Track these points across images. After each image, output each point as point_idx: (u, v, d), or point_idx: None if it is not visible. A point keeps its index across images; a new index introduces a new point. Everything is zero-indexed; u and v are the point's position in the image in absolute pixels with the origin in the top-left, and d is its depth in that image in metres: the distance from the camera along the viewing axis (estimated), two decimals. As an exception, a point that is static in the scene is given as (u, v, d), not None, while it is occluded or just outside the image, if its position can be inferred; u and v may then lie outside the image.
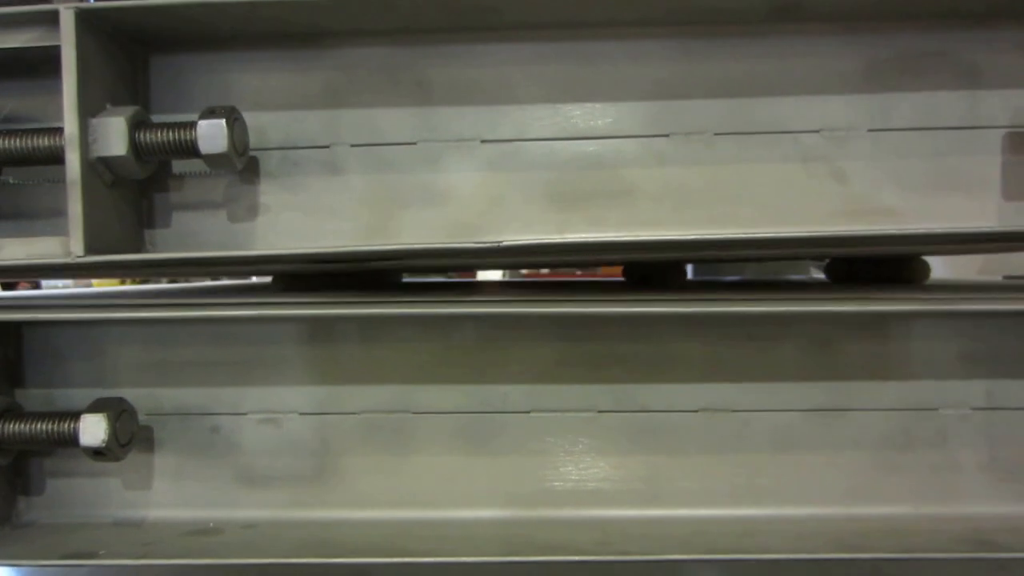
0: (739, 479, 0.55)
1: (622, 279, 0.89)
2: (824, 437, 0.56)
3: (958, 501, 0.55)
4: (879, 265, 0.71)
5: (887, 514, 0.55)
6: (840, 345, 0.56)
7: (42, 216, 0.55)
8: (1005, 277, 0.91)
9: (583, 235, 0.53)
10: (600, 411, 0.56)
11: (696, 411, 0.56)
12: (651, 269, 0.77)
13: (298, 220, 0.54)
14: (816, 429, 0.56)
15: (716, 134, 0.54)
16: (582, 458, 0.56)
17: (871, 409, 0.55)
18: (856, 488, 0.55)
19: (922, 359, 0.55)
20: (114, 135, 0.47)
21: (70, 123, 0.46)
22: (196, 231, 0.55)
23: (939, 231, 0.49)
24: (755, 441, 0.56)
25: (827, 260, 0.82)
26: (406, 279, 0.96)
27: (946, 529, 0.52)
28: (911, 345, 0.55)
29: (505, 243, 0.47)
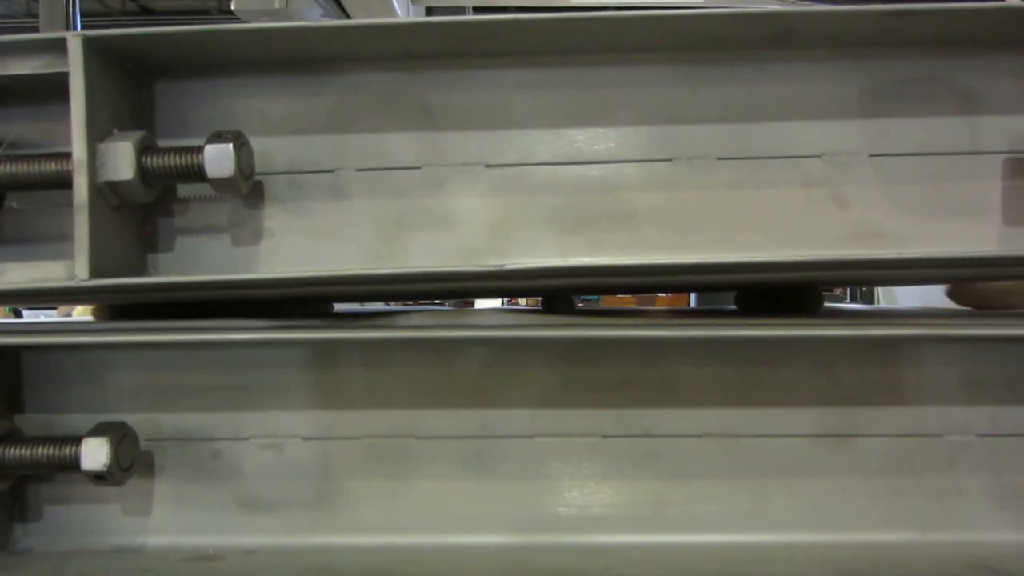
0: (744, 505, 0.55)
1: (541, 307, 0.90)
2: (829, 463, 0.55)
3: (964, 527, 0.54)
4: (782, 295, 0.72)
5: (892, 540, 0.54)
6: (844, 370, 0.56)
7: (44, 240, 0.55)
8: None
9: (586, 258, 0.54)
10: (604, 436, 0.56)
11: (701, 436, 0.56)
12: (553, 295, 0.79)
13: (302, 244, 0.54)
14: (821, 455, 0.55)
15: (718, 159, 0.54)
16: (586, 483, 0.56)
17: (876, 435, 0.55)
18: (861, 514, 0.55)
19: (927, 385, 0.55)
20: (121, 160, 0.47)
21: (78, 148, 0.47)
22: (199, 255, 0.55)
23: (941, 255, 0.49)
24: (760, 466, 0.55)
25: (736, 292, 0.83)
26: (337, 309, 0.94)
27: (952, 555, 0.52)
28: (915, 371, 0.55)
29: (508, 266, 0.47)
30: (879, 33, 0.52)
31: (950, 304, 0.76)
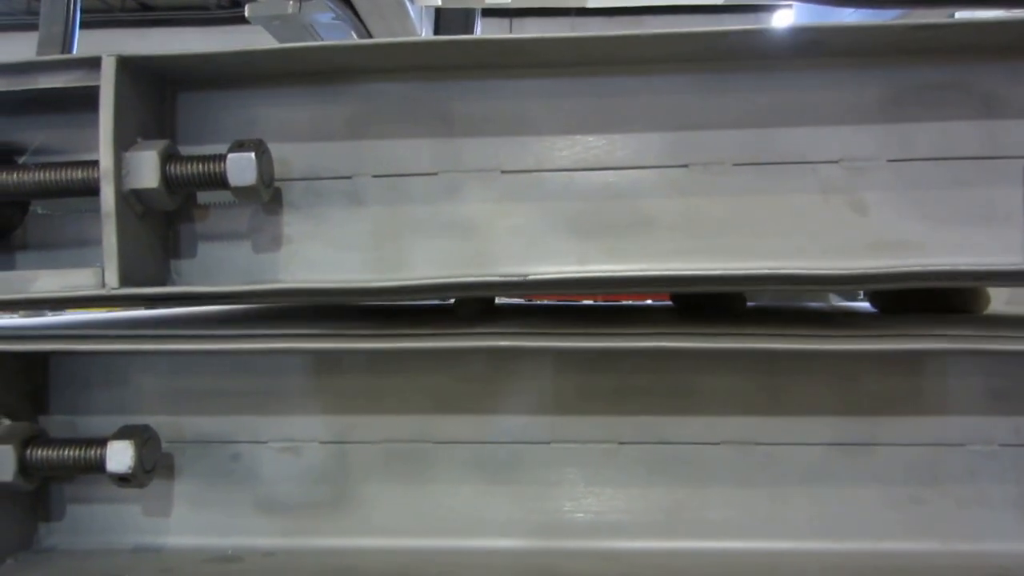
0: (762, 512, 0.55)
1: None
2: (849, 471, 0.55)
3: (985, 537, 0.54)
4: (713, 298, 0.72)
5: (913, 550, 0.53)
6: (865, 380, 0.55)
7: (69, 245, 0.56)
8: None
9: (607, 268, 0.53)
10: (621, 443, 0.56)
11: (718, 443, 0.55)
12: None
13: (320, 250, 0.55)
14: (840, 463, 0.55)
15: (735, 164, 0.54)
16: (603, 489, 0.56)
17: (896, 444, 0.55)
18: (882, 523, 0.54)
19: (949, 395, 0.55)
20: (146, 168, 0.48)
21: (105, 157, 0.48)
22: (221, 261, 0.55)
23: (963, 268, 0.48)
24: (778, 474, 0.55)
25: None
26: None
27: (973, 565, 0.51)
28: (937, 381, 0.55)
29: (531, 277, 0.47)
30: (903, 43, 0.51)
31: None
